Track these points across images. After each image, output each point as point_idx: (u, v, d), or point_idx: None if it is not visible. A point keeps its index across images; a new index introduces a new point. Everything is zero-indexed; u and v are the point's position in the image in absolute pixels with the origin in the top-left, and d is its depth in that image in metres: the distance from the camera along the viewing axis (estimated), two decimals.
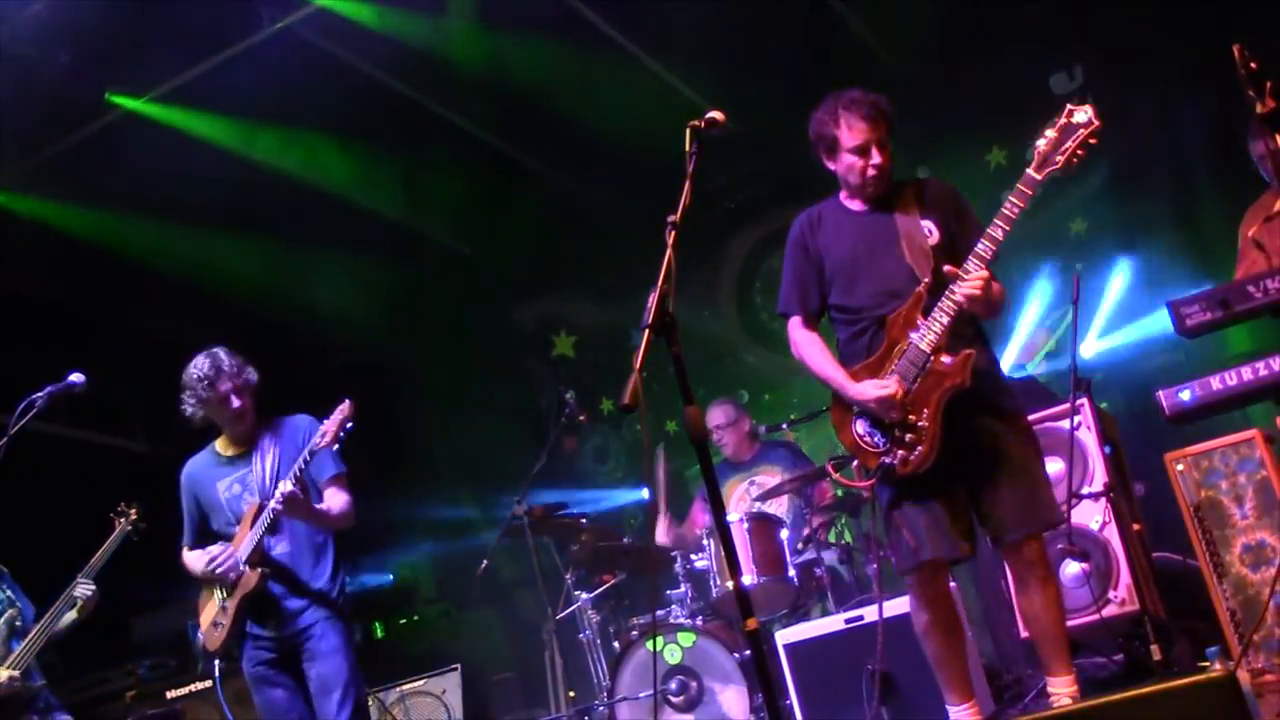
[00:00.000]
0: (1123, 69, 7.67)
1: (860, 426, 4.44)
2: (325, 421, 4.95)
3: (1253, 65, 3.96)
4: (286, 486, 4.88)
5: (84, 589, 5.95)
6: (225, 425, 5.27)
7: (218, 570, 5.01)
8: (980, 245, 4.25)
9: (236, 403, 5.18)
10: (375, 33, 7.24)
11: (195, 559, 5.23)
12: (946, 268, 4.28)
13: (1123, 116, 7.62)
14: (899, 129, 4.53)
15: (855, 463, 4.54)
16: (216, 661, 5.22)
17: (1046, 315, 7.89)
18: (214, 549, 5.08)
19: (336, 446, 4.96)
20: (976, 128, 8.09)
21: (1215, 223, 6.12)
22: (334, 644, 5.08)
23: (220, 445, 5.37)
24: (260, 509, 5.05)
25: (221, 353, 5.22)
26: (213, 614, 5.15)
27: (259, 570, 5.02)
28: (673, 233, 3.44)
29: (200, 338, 5.33)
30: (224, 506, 5.22)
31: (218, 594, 5.14)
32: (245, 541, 5.03)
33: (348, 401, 4.96)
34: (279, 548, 5.15)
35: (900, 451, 4.33)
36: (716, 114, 3.63)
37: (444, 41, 7.43)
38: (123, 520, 6.19)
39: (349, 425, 4.93)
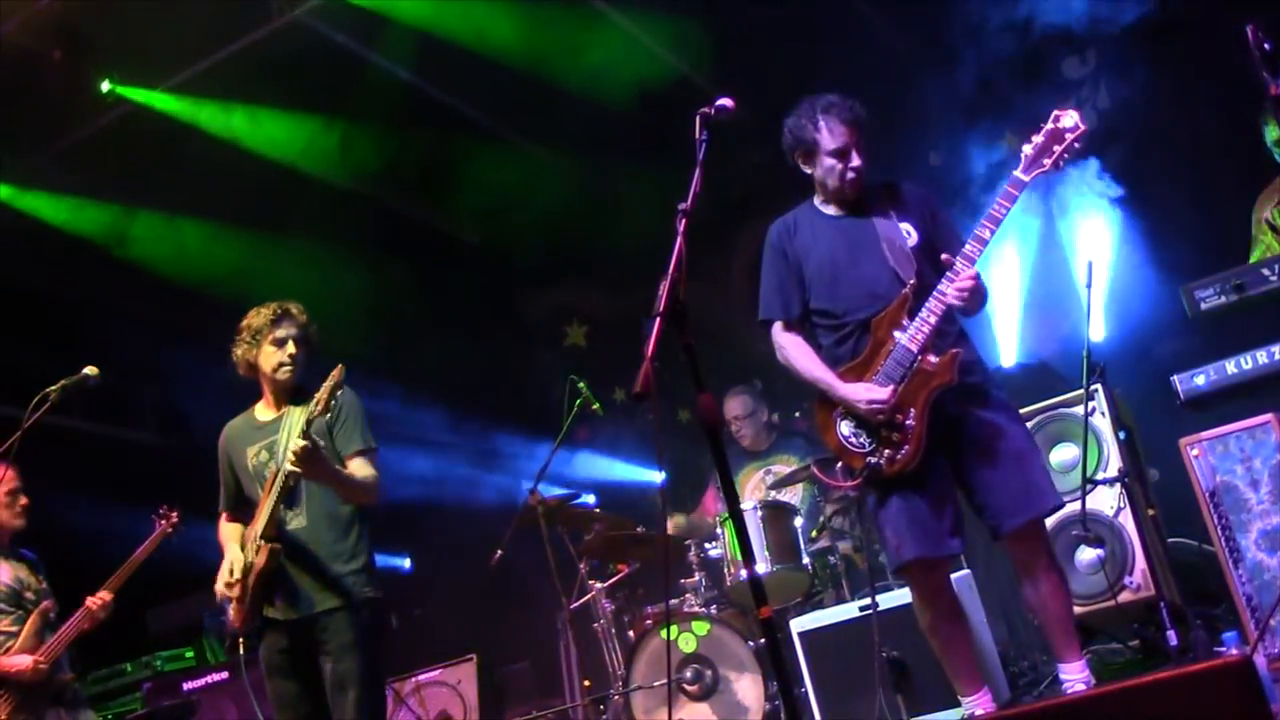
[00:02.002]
0: (1135, 53, 7.62)
1: (845, 427, 4.45)
2: (320, 390, 4.68)
3: (1266, 46, 3.95)
4: (297, 442, 4.60)
5: (98, 600, 5.95)
6: (270, 374, 5.03)
7: (220, 587, 4.93)
8: (968, 245, 4.28)
9: (294, 349, 5.01)
10: (378, 18, 7.24)
11: (224, 538, 5.10)
12: (944, 255, 4.29)
13: (1135, 101, 7.59)
14: (910, 117, 4.54)
15: (840, 463, 4.54)
16: (240, 642, 5.13)
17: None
18: (226, 566, 4.96)
19: (329, 415, 4.75)
20: (988, 114, 8.05)
21: (1229, 206, 6.08)
22: (351, 638, 4.78)
23: (259, 409, 5.14)
24: (275, 475, 4.80)
25: (292, 305, 5.12)
26: (236, 591, 4.93)
27: (269, 547, 4.75)
28: (684, 220, 3.44)
29: (207, 331, 5.30)
30: (251, 473, 5.01)
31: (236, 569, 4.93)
32: (261, 514, 4.80)
33: (339, 366, 4.69)
34: (295, 521, 4.88)
35: (887, 451, 4.35)
36: (726, 101, 3.62)
37: (449, 24, 7.42)
38: (163, 523, 6.21)
39: (339, 392, 4.67)
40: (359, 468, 4.93)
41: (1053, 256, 7.72)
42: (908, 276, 4.40)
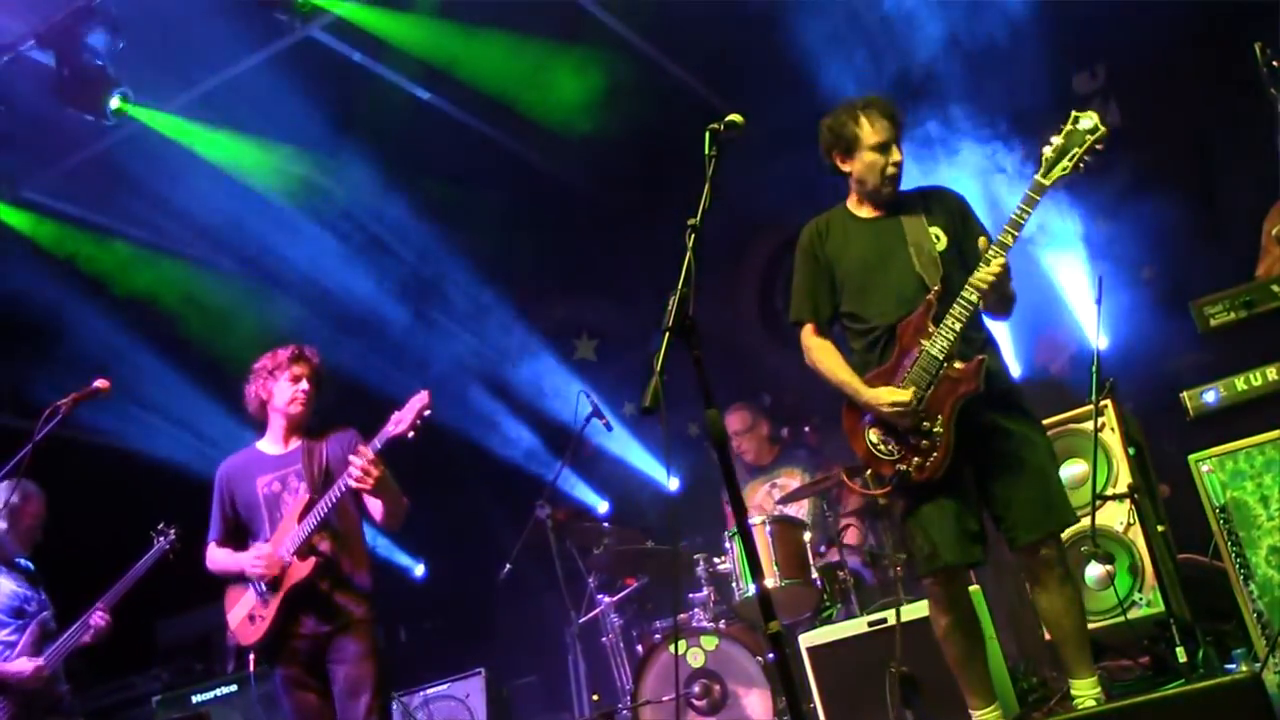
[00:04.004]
0: (1145, 68, 7.63)
1: (873, 434, 4.45)
2: (401, 410, 5.00)
3: (1275, 63, 3.96)
4: (364, 459, 4.93)
5: (98, 620, 5.99)
6: (280, 410, 5.30)
7: (257, 571, 5.07)
8: (990, 251, 4.27)
9: (307, 386, 5.30)
10: (386, 42, 7.31)
11: (225, 557, 5.27)
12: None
13: (1145, 115, 7.59)
14: (921, 129, 4.54)
15: (869, 470, 4.54)
16: (251, 658, 5.26)
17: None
18: (257, 549, 5.13)
19: (412, 434, 4.98)
20: (999, 128, 8.06)
21: (1239, 221, 6.07)
22: (365, 647, 5.10)
23: (262, 444, 5.41)
24: (311, 503, 5.09)
25: (307, 347, 5.43)
26: (249, 608, 5.16)
27: (311, 559, 5.05)
28: (693, 235, 3.45)
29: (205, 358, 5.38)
30: (261, 503, 5.24)
31: (256, 587, 5.14)
32: (292, 534, 5.06)
33: (425, 391, 5.01)
34: (322, 545, 5.14)
35: (915, 458, 4.34)
36: (735, 117, 3.63)
37: (454, 50, 7.50)
38: (161, 540, 6.24)
39: (426, 413, 4.97)
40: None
41: (1062, 270, 7.72)
42: (934, 282, 4.40)
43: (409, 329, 9.50)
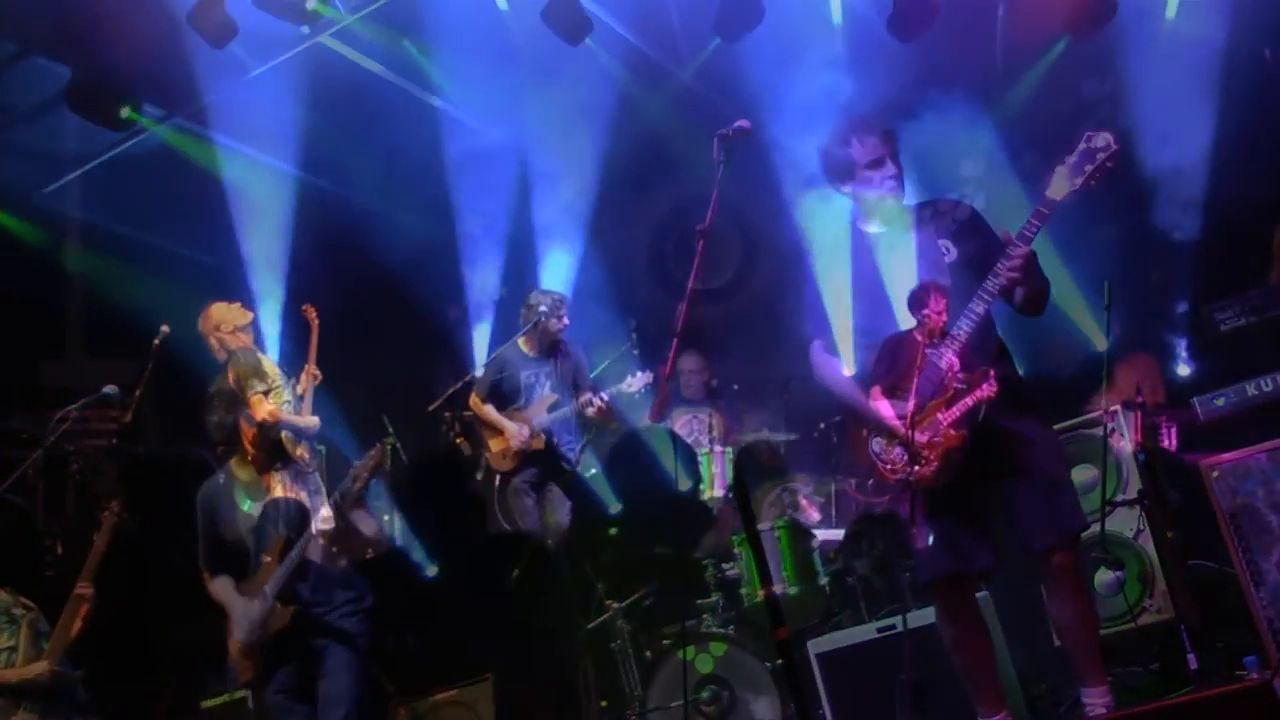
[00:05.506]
0: (1153, 74, 7.61)
1: (876, 444, 4.44)
2: (357, 465, 5.02)
3: None
4: (325, 515, 4.99)
5: (81, 592, 5.99)
6: (252, 434, 5.27)
7: (242, 629, 5.16)
8: (999, 265, 4.25)
9: (280, 399, 5.40)
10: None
11: (222, 594, 5.36)
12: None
13: (1154, 122, 7.58)
14: (922, 137, 4.54)
15: (872, 479, 4.54)
16: (249, 693, 5.32)
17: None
18: (246, 606, 5.18)
19: (359, 486, 5.03)
20: (1003, 131, 8.05)
21: (1251, 228, 6.06)
22: (344, 660, 5.18)
23: (238, 469, 5.40)
24: (288, 543, 5.12)
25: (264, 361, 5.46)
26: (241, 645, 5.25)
27: (291, 609, 5.11)
28: (701, 241, 3.45)
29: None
30: (244, 536, 5.30)
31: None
32: (272, 580, 5.12)
33: (379, 446, 5.06)
34: (299, 586, 5.19)
35: (916, 467, 4.32)
36: (743, 123, 3.63)
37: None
38: (108, 513, 6.24)
39: (381, 469, 5.03)
40: (364, 522, 5.41)
41: (1072, 275, 7.72)
42: (943, 294, 4.39)
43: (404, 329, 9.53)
